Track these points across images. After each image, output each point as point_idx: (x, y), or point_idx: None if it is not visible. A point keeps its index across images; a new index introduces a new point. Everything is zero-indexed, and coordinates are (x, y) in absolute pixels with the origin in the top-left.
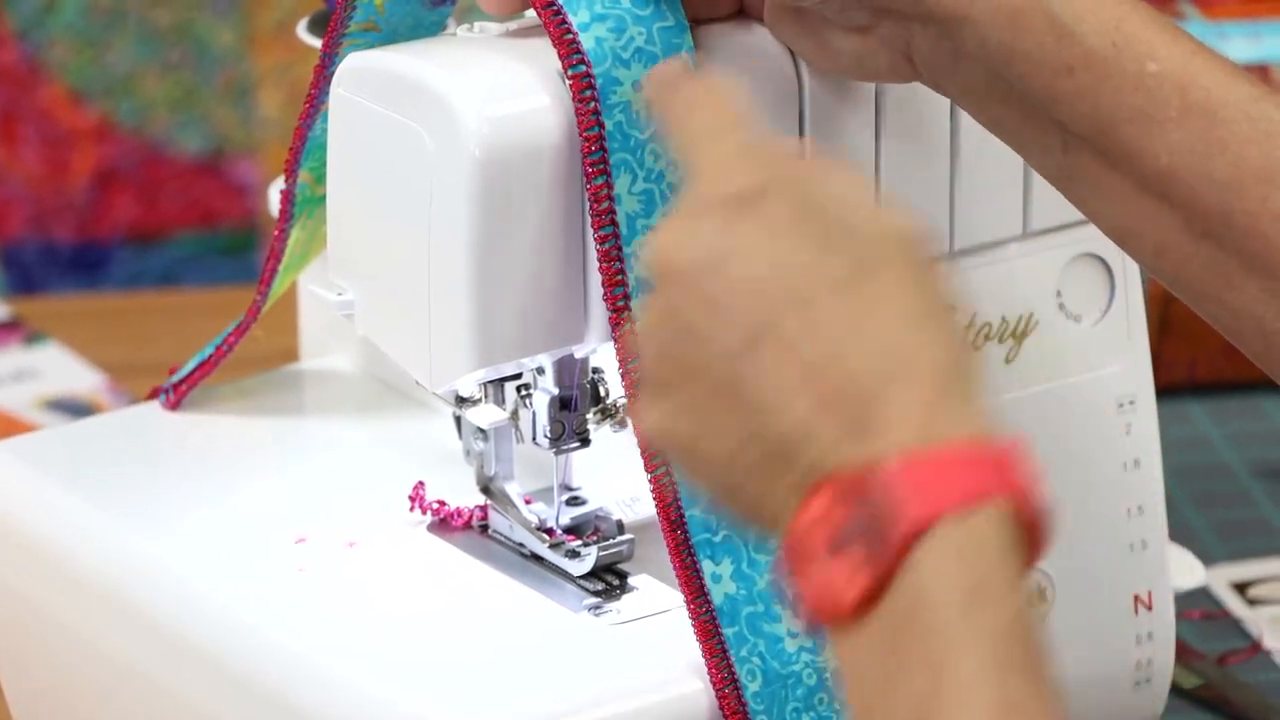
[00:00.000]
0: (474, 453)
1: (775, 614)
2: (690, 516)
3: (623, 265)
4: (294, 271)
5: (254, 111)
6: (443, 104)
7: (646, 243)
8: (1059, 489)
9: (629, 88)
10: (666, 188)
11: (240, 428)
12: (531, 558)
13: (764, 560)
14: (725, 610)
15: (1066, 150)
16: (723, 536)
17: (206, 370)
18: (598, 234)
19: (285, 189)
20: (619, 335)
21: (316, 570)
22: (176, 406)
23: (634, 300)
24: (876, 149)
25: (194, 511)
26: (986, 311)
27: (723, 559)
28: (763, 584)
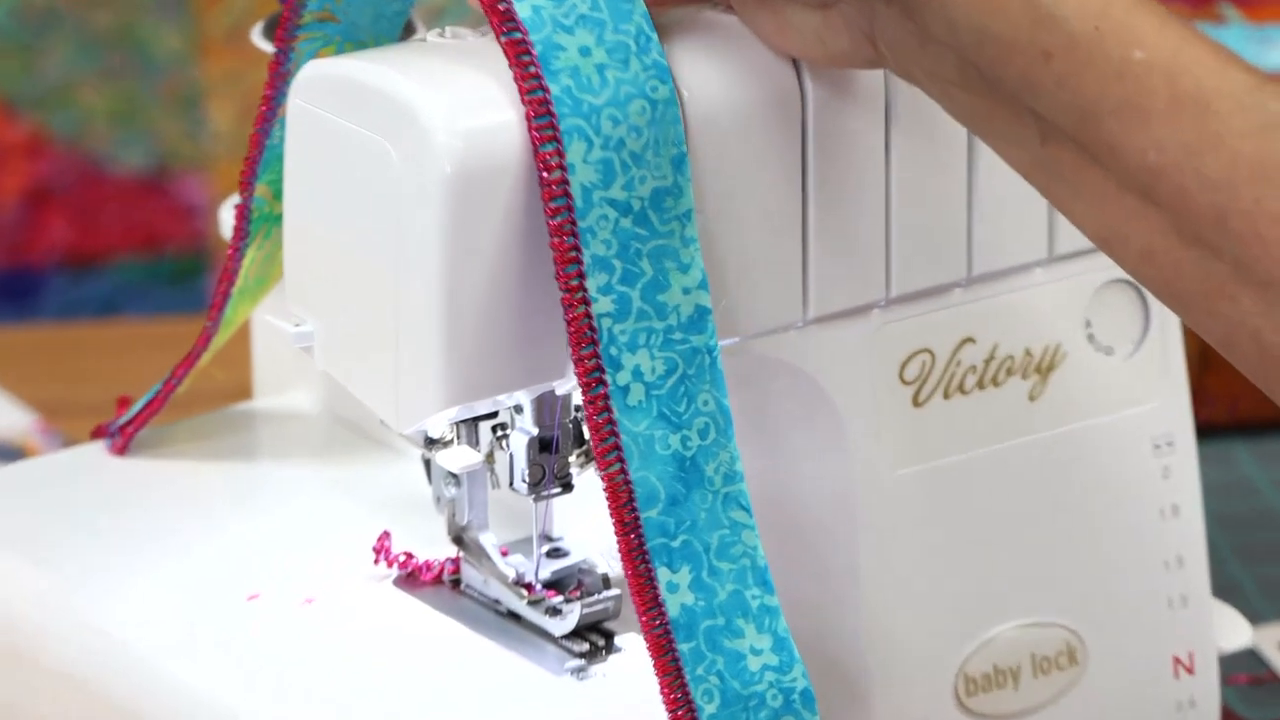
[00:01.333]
0: (445, 500)
1: (738, 628)
2: (647, 519)
3: (577, 241)
4: (251, 299)
5: (203, 124)
6: (411, 116)
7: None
8: (1089, 540)
9: (575, 53)
10: (629, 156)
11: (187, 473)
12: (508, 615)
13: (726, 569)
14: (681, 623)
15: (1044, 143)
16: (681, 542)
17: (154, 408)
18: (548, 206)
19: (240, 204)
20: (571, 318)
21: (271, 630)
22: (124, 450)
23: (589, 280)
24: (886, 162)
25: (137, 567)
26: (1008, 343)
27: (681, 566)
28: (724, 595)
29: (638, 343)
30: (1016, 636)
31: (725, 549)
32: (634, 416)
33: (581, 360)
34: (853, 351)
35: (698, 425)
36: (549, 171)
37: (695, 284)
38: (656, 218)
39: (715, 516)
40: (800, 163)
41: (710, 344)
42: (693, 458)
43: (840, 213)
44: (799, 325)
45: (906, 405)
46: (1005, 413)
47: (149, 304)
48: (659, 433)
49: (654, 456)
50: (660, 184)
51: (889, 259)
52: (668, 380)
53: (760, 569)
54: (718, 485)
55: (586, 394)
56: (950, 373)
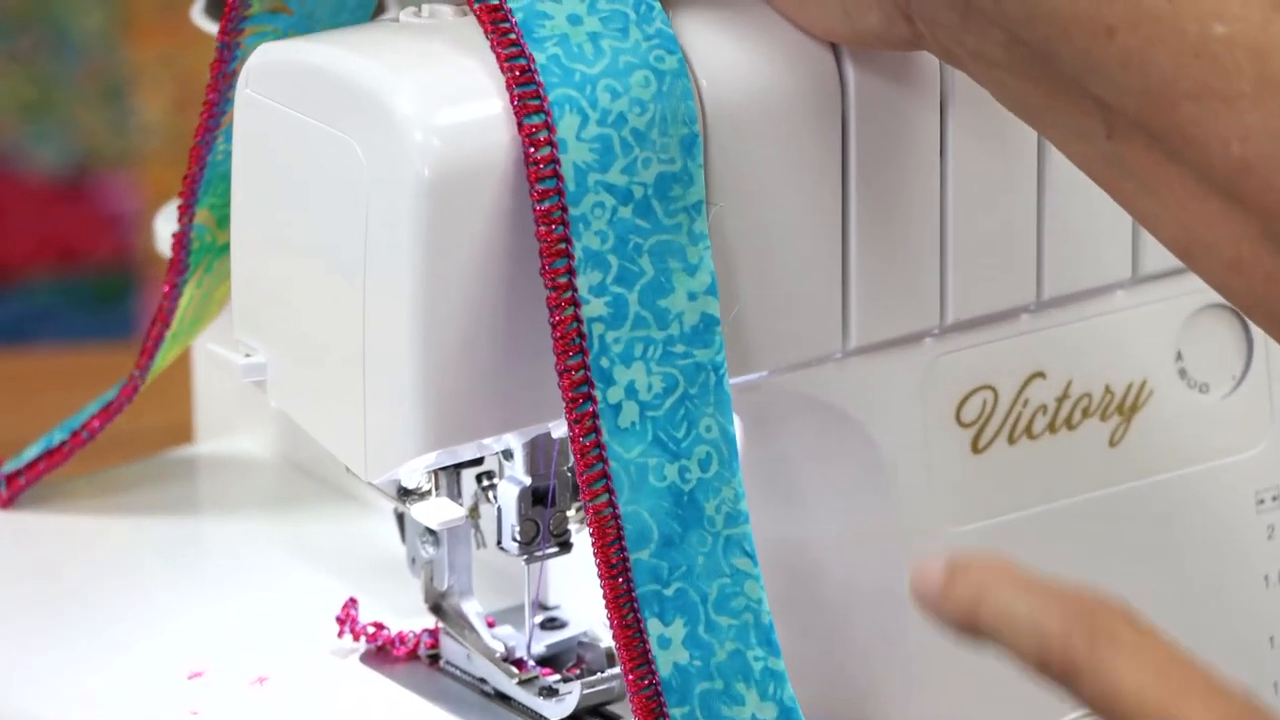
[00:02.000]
0: (421, 561)
1: (738, 694)
2: (637, 560)
3: (567, 231)
4: (182, 342)
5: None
6: (381, 109)
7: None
8: (1179, 611)
9: (563, 20)
10: (630, 134)
11: (116, 531)
12: (496, 697)
13: (726, 624)
14: (673, 685)
15: (1111, 135)
16: (675, 590)
17: (56, 460)
18: (535, 189)
19: (179, 232)
20: (557, 320)
21: (215, 714)
22: (9, 504)
23: (580, 276)
24: (942, 163)
25: (58, 645)
26: (1085, 379)
27: (674, 619)
28: (723, 654)
29: (633, 354)
30: None
31: (725, 601)
32: (625, 441)
33: (567, 371)
34: (901, 388)
35: (698, 454)
36: (535, 148)
37: (703, 288)
38: (661, 208)
39: (715, 562)
40: (840, 163)
41: (717, 360)
42: (691, 492)
43: (888, 222)
44: (837, 356)
45: (964, 452)
46: (1081, 461)
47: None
48: (654, 461)
49: (646, 488)
50: (667, 169)
51: (944, 278)
52: (666, 400)
53: (765, 627)
54: (719, 526)
55: (571, 411)
56: (1016, 413)
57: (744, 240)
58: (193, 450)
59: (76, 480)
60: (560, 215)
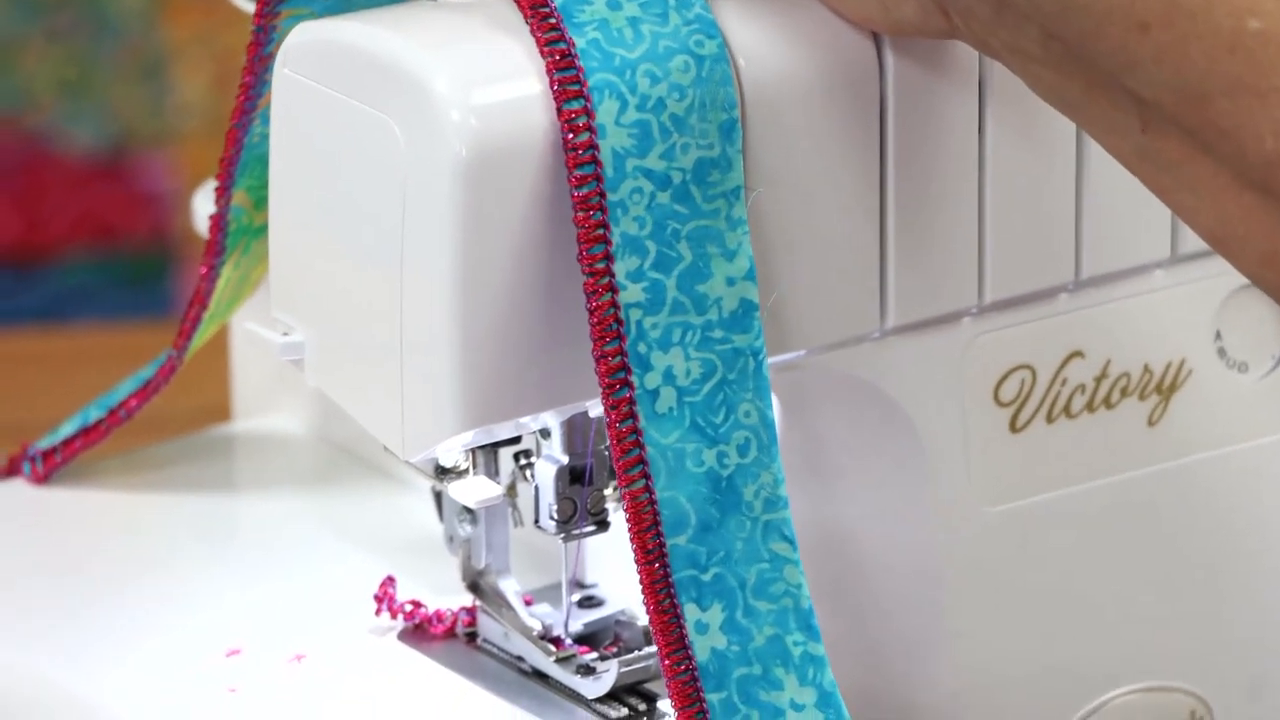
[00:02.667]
0: (459, 539)
1: (776, 679)
2: (674, 546)
3: (605, 217)
4: (219, 320)
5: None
6: (418, 88)
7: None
8: (1218, 591)
9: (602, 5)
10: (669, 120)
11: (153, 509)
12: (533, 675)
13: (765, 609)
14: (710, 670)
15: (1146, 129)
16: (713, 575)
17: (93, 439)
18: (573, 174)
19: (215, 214)
20: (594, 305)
21: (253, 691)
22: (45, 480)
23: (618, 262)
24: (980, 145)
25: (90, 620)
26: (1123, 359)
27: (711, 604)
28: (762, 639)
29: (671, 340)
30: (1132, 703)
31: (764, 586)
32: (663, 426)
33: (604, 357)
34: (939, 368)
35: (737, 440)
36: (574, 134)
37: (742, 274)
38: (699, 194)
39: (754, 547)
40: (878, 144)
41: (756, 345)
42: (729, 478)
43: (925, 203)
44: (875, 336)
45: (1002, 431)
46: (1119, 440)
47: (102, 309)
48: (691, 446)
49: (684, 474)
50: (706, 154)
51: (982, 258)
52: (704, 385)
53: (804, 611)
54: (757, 511)
55: (608, 397)
56: (1054, 393)
57: (783, 220)
58: (230, 429)
59: (114, 458)
60: (598, 201)
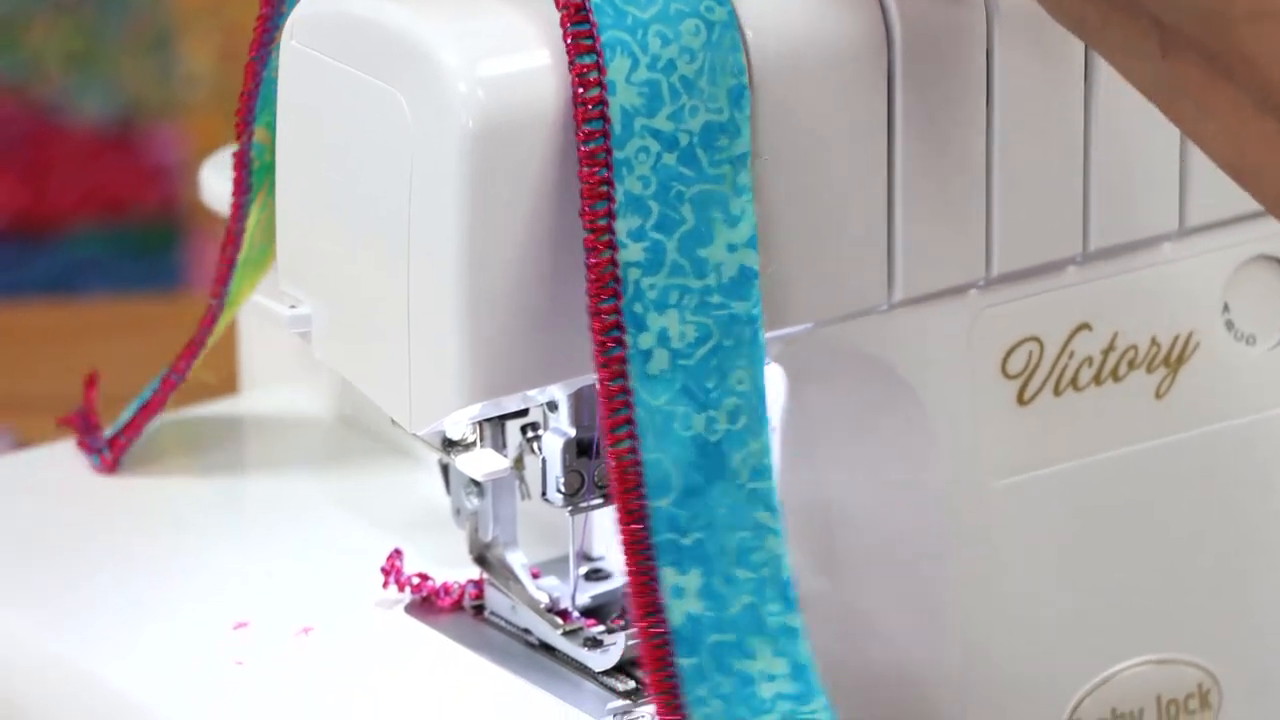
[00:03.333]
0: (466, 512)
1: (750, 648)
2: (655, 509)
3: (610, 174)
4: (257, 269)
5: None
6: (425, 61)
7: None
8: (1226, 563)
9: None
10: (679, 81)
11: (158, 482)
12: (540, 648)
13: (744, 577)
14: (684, 635)
15: (1166, 55)
16: (694, 540)
17: (153, 410)
18: (581, 129)
19: (239, 151)
20: (593, 262)
21: (260, 664)
22: (115, 468)
23: (619, 220)
24: (988, 115)
25: (98, 593)
26: (1131, 331)
27: (690, 569)
28: (738, 607)
29: (667, 301)
30: (1139, 675)
31: (745, 554)
32: (654, 388)
33: (599, 314)
34: (946, 340)
35: (727, 406)
36: (585, 88)
37: (743, 240)
38: (705, 157)
39: (737, 515)
40: (885, 115)
41: (753, 313)
42: (717, 444)
43: (933, 174)
44: (882, 308)
45: (1009, 403)
46: (1127, 412)
47: (111, 280)
48: (681, 410)
49: (671, 437)
50: (714, 118)
51: (990, 230)
52: (698, 350)
53: (783, 582)
54: (743, 479)
55: (600, 354)
56: (1062, 365)
57: (789, 191)
58: (237, 402)
59: None
60: (604, 158)
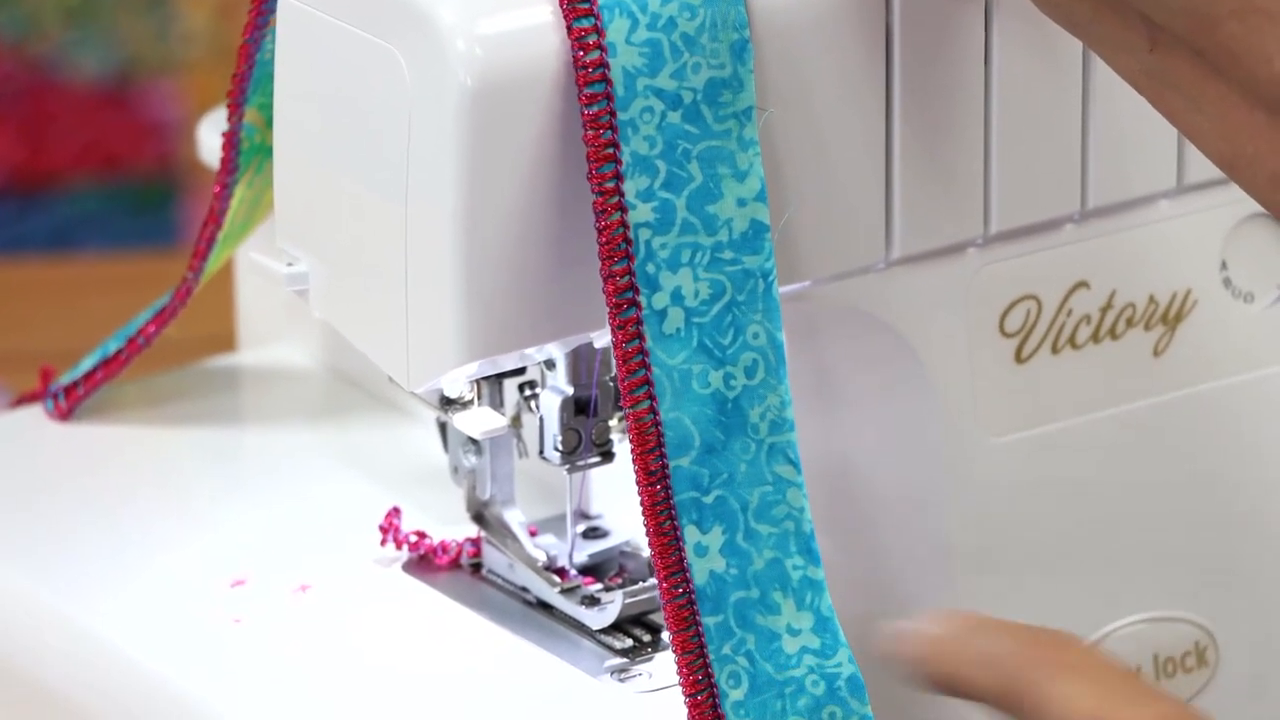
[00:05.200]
0: (464, 470)
1: (774, 603)
2: (676, 468)
3: (615, 135)
4: (232, 244)
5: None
6: (423, 18)
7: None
8: (1222, 520)
9: None
10: (680, 39)
11: (158, 439)
12: (538, 606)
13: (766, 532)
14: (708, 593)
15: (1155, 49)
16: (715, 498)
17: (114, 369)
18: (583, 93)
19: (229, 131)
20: (603, 225)
21: (258, 621)
22: (69, 415)
23: (627, 181)
24: (986, 73)
25: (94, 549)
26: (1129, 289)
27: (712, 526)
28: (761, 563)
29: (680, 260)
30: (1136, 633)
31: (766, 509)
32: (670, 347)
33: (612, 277)
34: (944, 298)
35: (744, 361)
36: (585, 51)
37: (753, 195)
38: (710, 114)
39: (758, 470)
40: (884, 72)
41: (766, 267)
42: (735, 400)
43: (931, 132)
44: (880, 267)
45: (1007, 362)
46: (1124, 370)
47: (107, 237)
48: (698, 367)
49: (690, 395)
50: (717, 74)
51: (988, 188)
52: (713, 306)
53: (805, 535)
54: (763, 434)
55: (615, 317)
56: (1060, 323)
57: (788, 150)
58: (235, 359)
59: (118, 388)
60: (608, 120)
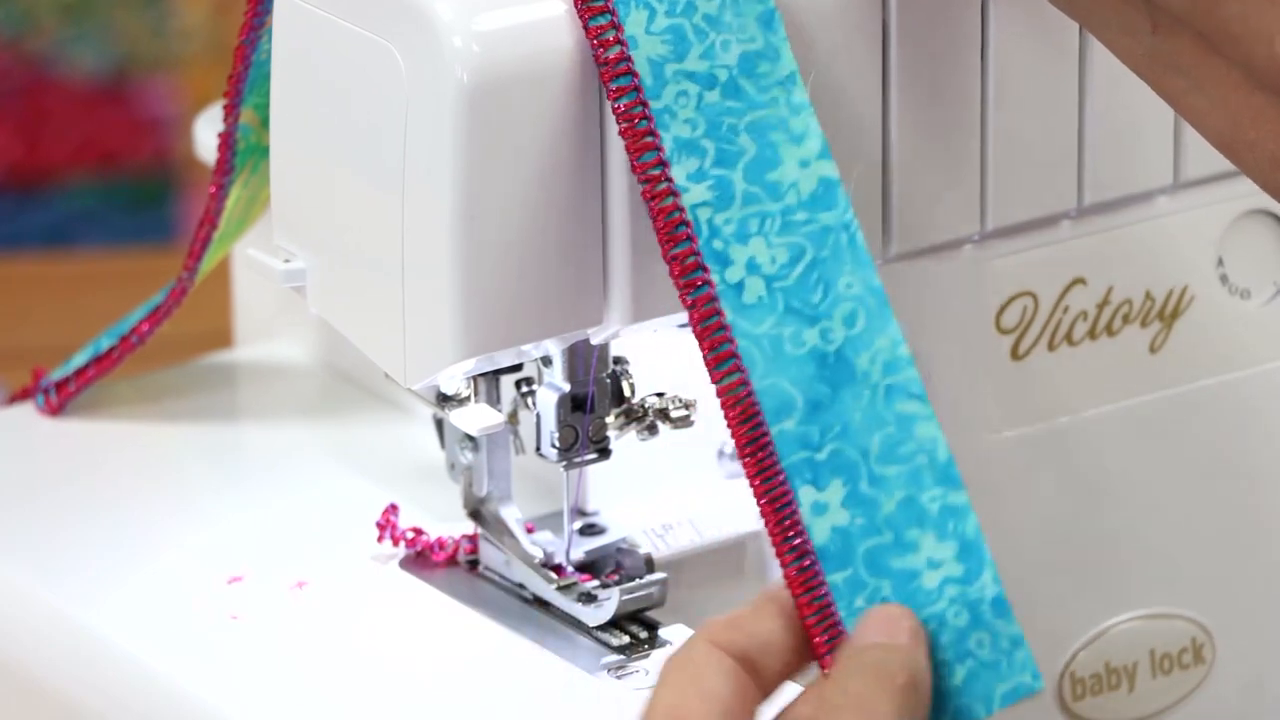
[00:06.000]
0: (460, 467)
1: (910, 541)
2: (781, 432)
3: (651, 124)
4: (227, 244)
5: (170, 19)
6: (420, 14)
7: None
8: (1220, 517)
9: None
10: (703, 20)
11: (155, 436)
12: (535, 602)
13: (894, 473)
14: (831, 551)
15: (1157, 30)
16: (830, 452)
17: (106, 366)
18: (610, 88)
19: (224, 132)
20: (656, 210)
21: (255, 618)
22: (59, 411)
23: (675, 166)
24: (983, 68)
25: (91, 546)
26: (1126, 285)
27: (829, 482)
28: (892, 505)
29: (748, 230)
30: (1134, 630)
31: (891, 450)
32: (754, 316)
33: (675, 260)
34: (941, 294)
35: (841, 313)
36: (604, 48)
37: (815, 154)
38: (752, 86)
39: (875, 414)
40: (880, 68)
41: (846, 219)
42: (838, 351)
43: (928, 129)
44: (878, 263)
45: (1004, 358)
46: (1121, 367)
47: (104, 234)
48: (789, 330)
49: (784, 359)
50: (749, 47)
51: (984, 185)
52: (794, 269)
53: (942, 464)
54: (876, 378)
55: (685, 297)
56: (1056, 320)
57: None
58: (232, 355)
59: (116, 385)
60: (641, 110)
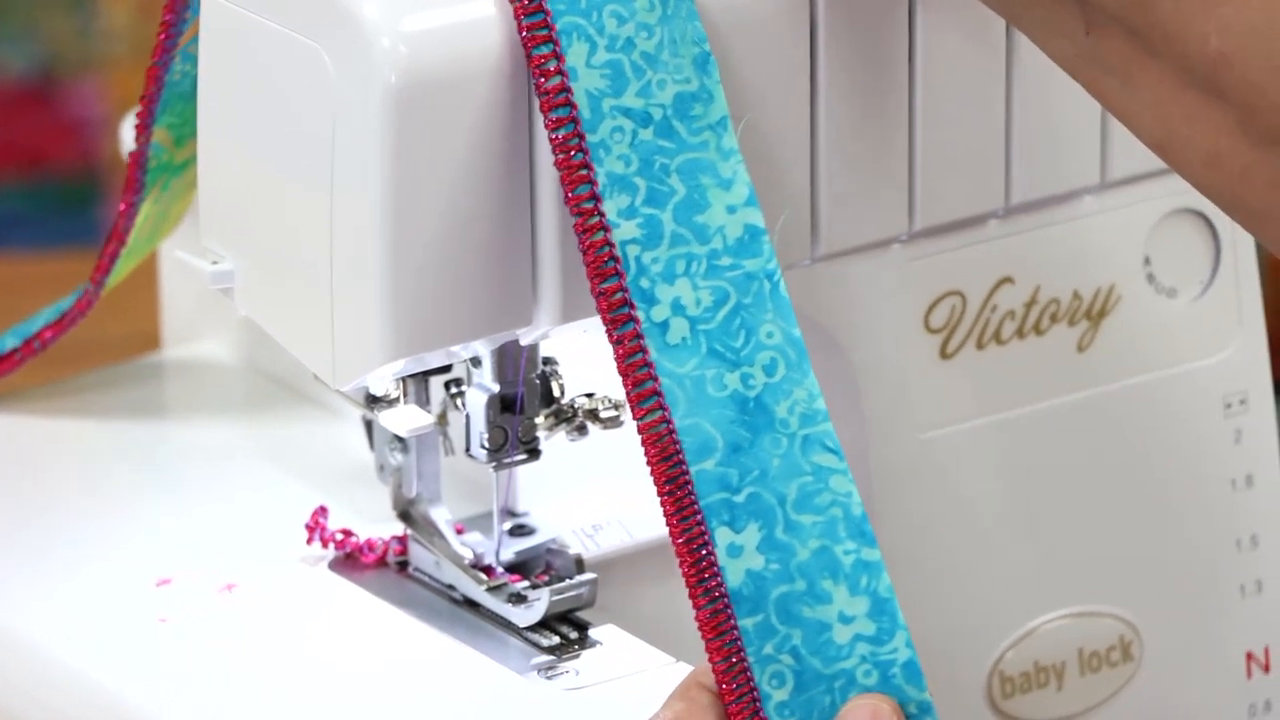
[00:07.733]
0: (390, 468)
1: (823, 593)
2: (700, 472)
3: (586, 158)
4: (135, 259)
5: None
6: (347, 15)
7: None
8: (1146, 515)
9: None
10: (641, 58)
11: (80, 438)
12: (464, 603)
13: (810, 522)
14: (744, 594)
15: (1090, 31)
16: (747, 495)
17: (6, 368)
18: (549, 118)
19: (135, 151)
20: (587, 244)
21: (184, 621)
22: None
23: (606, 201)
24: (910, 69)
25: (17, 549)
26: (1053, 285)
27: (746, 525)
28: (806, 553)
29: (675, 272)
30: (1062, 628)
31: (808, 499)
32: (677, 356)
33: (603, 295)
34: (870, 294)
35: (761, 360)
36: (545, 78)
37: (741, 201)
38: (684, 127)
39: (792, 463)
40: (809, 70)
41: (769, 268)
42: (758, 398)
43: (856, 129)
44: (805, 263)
45: (933, 357)
46: (1049, 366)
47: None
48: (711, 372)
49: (705, 400)
50: (684, 89)
51: (912, 184)
52: (718, 312)
53: (856, 519)
54: (794, 427)
55: (612, 333)
56: (984, 319)
57: None
58: (160, 357)
59: (42, 385)
60: (578, 143)
